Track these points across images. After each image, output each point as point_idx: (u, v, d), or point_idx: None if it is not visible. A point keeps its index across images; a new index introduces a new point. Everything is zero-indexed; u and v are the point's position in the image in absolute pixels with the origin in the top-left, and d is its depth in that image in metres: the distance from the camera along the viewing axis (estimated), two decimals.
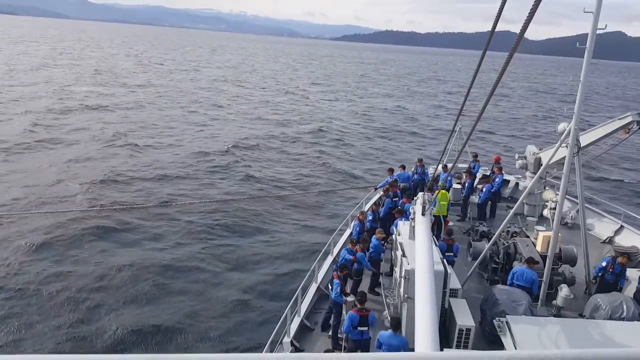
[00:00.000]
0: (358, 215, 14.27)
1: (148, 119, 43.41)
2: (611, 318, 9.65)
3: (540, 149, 17.22)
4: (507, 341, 8.63)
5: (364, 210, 15.61)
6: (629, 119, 12.31)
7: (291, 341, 9.96)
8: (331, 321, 10.46)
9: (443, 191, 14.92)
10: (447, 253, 11.91)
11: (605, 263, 11.87)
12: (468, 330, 9.34)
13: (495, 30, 4.15)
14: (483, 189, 17.24)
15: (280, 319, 10.18)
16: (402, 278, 9.87)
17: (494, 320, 9.20)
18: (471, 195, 17.83)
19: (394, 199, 15.73)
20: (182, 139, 36.74)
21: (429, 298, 6.03)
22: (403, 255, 10.41)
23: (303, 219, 22.68)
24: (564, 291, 10.97)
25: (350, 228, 14.87)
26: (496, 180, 17.73)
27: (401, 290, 10.04)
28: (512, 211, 12.06)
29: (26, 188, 23.60)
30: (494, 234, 12.65)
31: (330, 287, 10.91)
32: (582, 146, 12.04)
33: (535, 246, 12.74)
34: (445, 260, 10.53)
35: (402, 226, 11.80)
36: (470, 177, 17.92)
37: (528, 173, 17.70)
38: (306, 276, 12.26)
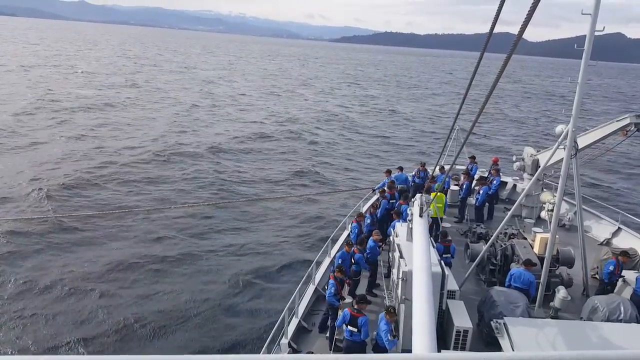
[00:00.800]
0: (356, 217, 14.26)
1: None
2: (609, 320, 9.64)
3: (537, 151, 17.24)
4: (505, 343, 8.63)
5: (362, 212, 15.59)
6: (627, 121, 12.34)
7: (289, 342, 9.95)
8: (328, 322, 10.46)
9: (440, 193, 14.91)
10: (444, 255, 11.91)
11: (612, 267, 11.84)
12: (465, 331, 9.33)
13: (493, 31, 4.14)
14: (480, 191, 17.26)
15: (277, 321, 10.20)
16: (400, 279, 9.86)
17: (492, 321, 9.21)
18: (469, 197, 17.85)
19: (391, 201, 15.73)
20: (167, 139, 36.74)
21: (427, 299, 6.02)
22: (401, 256, 10.39)
23: (300, 221, 22.65)
24: (562, 293, 10.95)
25: (348, 230, 14.86)
26: (493, 182, 17.74)
27: (399, 291, 10.03)
28: (510, 213, 12.06)
29: None
30: (492, 236, 12.64)
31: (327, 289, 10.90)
32: (580, 148, 12.05)
33: (532, 248, 12.73)
34: (442, 261, 10.52)
35: (400, 228, 11.80)
36: (467, 179, 17.94)
37: (526, 175, 17.71)
38: (304, 278, 12.25)
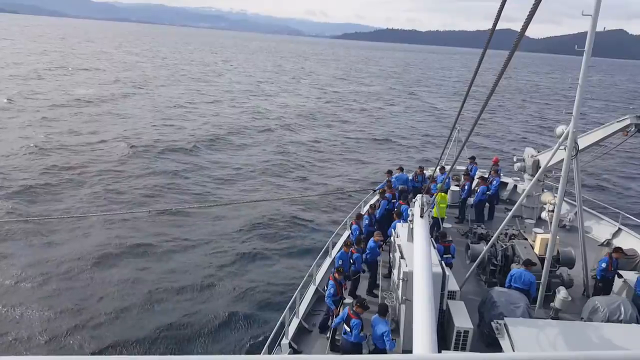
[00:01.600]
0: (355, 218, 14.27)
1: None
2: (609, 320, 9.66)
3: (538, 152, 17.22)
4: (505, 343, 8.65)
5: (362, 212, 15.59)
6: (627, 122, 12.33)
7: (289, 343, 9.97)
8: (329, 323, 10.49)
9: (442, 193, 14.91)
10: (445, 255, 11.94)
11: (604, 264, 11.91)
12: (466, 332, 9.36)
13: (495, 28, 4.11)
14: (478, 190, 17.25)
15: (278, 321, 10.22)
16: (400, 280, 9.88)
17: (492, 322, 9.22)
18: (469, 197, 17.85)
19: (392, 201, 15.72)
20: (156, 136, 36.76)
21: (427, 300, 6.03)
22: (401, 257, 10.41)
23: (301, 221, 22.64)
24: (562, 293, 10.97)
25: (348, 230, 14.87)
26: (493, 182, 17.70)
27: (399, 292, 10.05)
28: (511, 213, 12.07)
29: None
30: (492, 236, 12.66)
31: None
32: (581, 148, 12.04)
33: (533, 248, 12.74)
34: (443, 262, 10.54)
35: (401, 228, 11.80)
36: (468, 180, 17.92)
37: (526, 175, 17.71)
38: (304, 278, 12.28)
